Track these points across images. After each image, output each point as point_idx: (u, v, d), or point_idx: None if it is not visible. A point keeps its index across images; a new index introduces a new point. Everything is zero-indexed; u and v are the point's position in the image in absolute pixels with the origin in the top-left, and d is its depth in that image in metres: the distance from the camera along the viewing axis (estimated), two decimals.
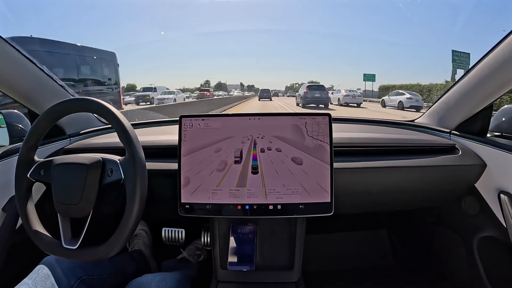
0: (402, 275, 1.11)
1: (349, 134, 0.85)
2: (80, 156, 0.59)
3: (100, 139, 0.88)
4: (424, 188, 0.80)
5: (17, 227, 0.71)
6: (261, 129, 0.64)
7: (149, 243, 1.05)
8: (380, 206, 0.89)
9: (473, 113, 0.81)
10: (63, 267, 0.61)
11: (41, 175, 0.59)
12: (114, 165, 0.57)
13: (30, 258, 0.78)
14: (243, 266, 0.66)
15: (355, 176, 0.74)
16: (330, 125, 0.64)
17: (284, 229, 0.75)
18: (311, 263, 1.07)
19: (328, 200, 0.63)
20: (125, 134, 0.56)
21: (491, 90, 0.73)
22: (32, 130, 0.60)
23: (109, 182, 0.57)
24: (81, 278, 0.62)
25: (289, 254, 0.73)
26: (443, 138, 0.87)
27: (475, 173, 0.77)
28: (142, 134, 0.71)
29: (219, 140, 0.65)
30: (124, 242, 0.54)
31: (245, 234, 0.71)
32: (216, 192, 0.64)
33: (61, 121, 0.87)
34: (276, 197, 0.63)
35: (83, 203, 0.55)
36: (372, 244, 1.25)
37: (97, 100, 0.59)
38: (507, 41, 0.65)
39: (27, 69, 0.77)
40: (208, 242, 0.90)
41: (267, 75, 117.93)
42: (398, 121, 1.04)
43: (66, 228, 0.57)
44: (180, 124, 0.65)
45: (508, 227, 0.66)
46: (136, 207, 0.53)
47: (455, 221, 0.90)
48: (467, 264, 0.85)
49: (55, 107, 0.59)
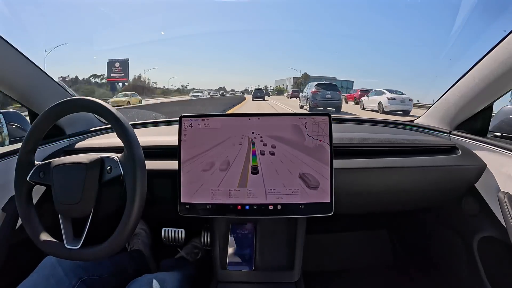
0: (402, 275, 1.11)
1: (349, 134, 0.85)
2: (78, 156, 0.59)
3: (100, 139, 0.88)
4: (424, 188, 0.80)
5: (17, 227, 0.71)
6: (261, 129, 0.64)
7: (148, 243, 1.05)
8: (380, 206, 0.89)
9: (473, 113, 0.82)
10: (64, 267, 0.60)
11: (41, 178, 0.59)
12: (113, 162, 0.57)
13: (30, 258, 0.78)
14: (242, 266, 0.66)
15: (355, 176, 0.74)
16: (330, 125, 0.64)
17: (284, 229, 0.75)
18: (311, 263, 1.07)
19: (328, 200, 0.63)
20: (124, 132, 0.56)
21: (491, 90, 0.73)
22: (32, 130, 0.60)
23: (108, 179, 0.57)
24: (82, 279, 0.62)
25: (289, 254, 0.73)
26: (443, 138, 0.87)
27: (475, 173, 0.77)
28: (142, 134, 0.71)
29: (219, 140, 0.65)
30: (126, 239, 0.54)
31: (245, 234, 0.71)
32: (216, 192, 0.64)
33: (61, 121, 0.87)
34: (276, 197, 0.63)
35: (83, 203, 0.55)
36: (372, 244, 1.25)
37: (96, 100, 0.59)
38: (507, 41, 0.65)
39: (27, 69, 0.77)
40: (207, 242, 0.90)
41: (235, 76, 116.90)
42: (398, 121, 1.04)
43: (68, 228, 0.57)
44: (180, 124, 0.65)
45: (508, 227, 0.66)
46: (137, 203, 0.54)
47: (455, 221, 0.90)
48: (467, 264, 0.85)
49: (55, 107, 0.59)
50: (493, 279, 0.78)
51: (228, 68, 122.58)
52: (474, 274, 0.81)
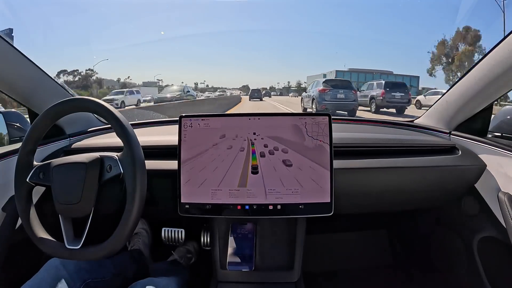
0: (402, 275, 1.11)
1: (349, 134, 0.85)
2: (78, 156, 0.59)
3: (99, 139, 0.88)
4: (424, 189, 0.80)
5: (17, 227, 0.71)
6: (261, 129, 0.64)
7: (148, 243, 1.05)
8: (380, 206, 0.89)
9: (473, 113, 0.81)
10: (68, 269, 0.60)
11: (40, 179, 0.58)
12: (113, 161, 0.57)
13: (30, 258, 0.78)
14: (242, 266, 0.66)
15: (355, 176, 0.74)
16: (330, 125, 0.64)
17: (284, 229, 0.75)
18: (311, 263, 1.07)
19: (328, 200, 0.63)
20: (123, 131, 0.56)
21: (491, 90, 0.73)
22: (32, 130, 0.60)
23: (108, 178, 0.57)
24: (86, 282, 0.61)
25: (289, 254, 0.73)
26: (443, 139, 0.87)
27: (475, 174, 0.77)
28: (142, 134, 0.71)
29: (219, 140, 0.65)
30: (126, 238, 0.54)
31: (245, 234, 0.71)
32: (216, 192, 0.64)
33: (60, 121, 0.87)
34: (276, 197, 0.63)
35: (83, 202, 0.55)
36: (372, 244, 1.25)
37: (96, 100, 0.59)
38: (507, 41, 0.65)
39: (27, 69, 0.77)
40: (207, 242, 0.90)
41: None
42: (398, 121, 1.04)
43: (68, 228, 0.57)
44: (180, 124, 0.65)
45: (507, 227, 0.66)
46: (137, 201, 0.54)
47: (455, 221, 0.90)
48: (467, 264, 0.85)
49: (55, 107, 0.59)
50: (493, 279, 0.78)
51: (253, 66, 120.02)
52: (474, 274, 0.81)
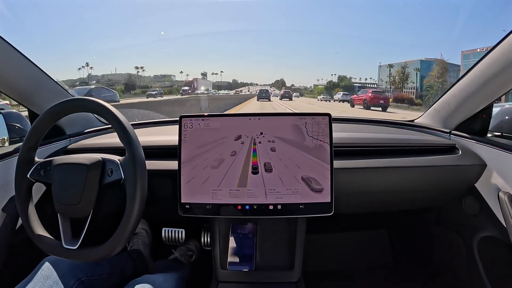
0: (402, 275, 1.11)
1: (349, 134, 0.85)
2: (80, 156, 0.59)
3: (100, 139, 0.88)
4: (424, 188, 0.80)
5: (17, 227, 0.71)
6: (261, 129, 0.64)
7: (148, 243, 1.05)
8: (380, 206, 0.89)
9: (473, 113, 0.81)
10: (62, 267, 0.60)
11: (41, 176, 0.59)
12: (114, 165, 0.57)
13: (30, 258, 0.78)
14: (243, 266, 0.66)
15: (355, 176, 0.74)
16: (330, 125, 0.64)
17: (284, 229, 0.75)
18: (311, 263, 1.07)
19: (328, 200, 0.63)
20: (125, 134, 0.56)
21: (491, 90, 0.73)
22: (32, 130, 0.60)
23: (109, 182, 0.57)
24: (80, 279, 0.61)
25: (289, 254, 0.73)
26: (443, 138, 0.87)
27: (475, 173, 0.77)
28: (142, 134, 0.71)
29: (219, 140, 0.65)
30: (124, 242, 0.54)
31: (245, 234, 0.71)
32: (216, 192, 0.64)
33: (61, 121, 0.87)
34: (276, 197, 0.63)
35: (83, 203, 0.55)
36: (372, 244, 1.25)
37: (96, 100, 0.59)
38: (507, 41, 0.65)
39: (27, 69, 0.77)
40: (208, 242, 0.90)
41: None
42: (398, 121, 1.04)
43: (66, 228, 0.57)
44: (180, 124, 0.65)
45: (508, 227, 0.66)
46: (136, 207, 0.53)
47: (455, 221, 0.90)
48: (467, 264, 0.85)
49: (55, 107, 0.59)
50: (493, 278, 0.78)
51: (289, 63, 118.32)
52: (474, 274, 0.81)
